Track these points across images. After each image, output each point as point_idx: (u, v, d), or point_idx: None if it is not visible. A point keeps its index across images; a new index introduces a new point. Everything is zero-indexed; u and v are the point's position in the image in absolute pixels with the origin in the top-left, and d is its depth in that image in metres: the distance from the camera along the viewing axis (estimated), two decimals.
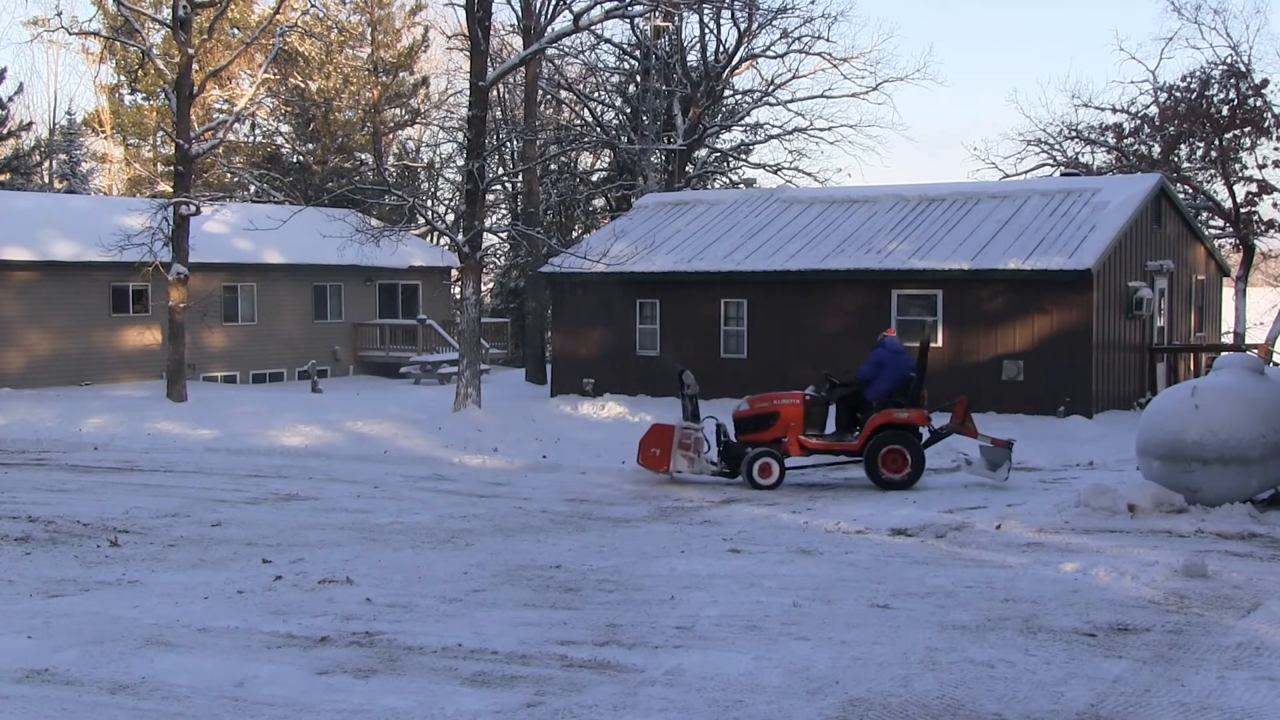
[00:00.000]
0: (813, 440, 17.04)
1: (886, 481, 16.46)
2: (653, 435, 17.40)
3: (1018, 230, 25.27)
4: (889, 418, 16.62)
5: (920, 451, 16.59)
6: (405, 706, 6.93)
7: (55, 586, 10.33)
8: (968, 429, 16.87)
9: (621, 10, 26.53)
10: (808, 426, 17.07)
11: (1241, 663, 7.66)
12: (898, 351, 17.03)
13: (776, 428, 17.07)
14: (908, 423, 16.60)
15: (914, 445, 16.54)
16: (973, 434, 16.93)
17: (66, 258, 31.14)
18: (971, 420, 16.94)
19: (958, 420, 16.85)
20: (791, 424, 17.03)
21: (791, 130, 43.41)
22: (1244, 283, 36.34)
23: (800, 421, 17.03)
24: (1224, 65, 35.74)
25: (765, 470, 16.74)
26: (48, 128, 53.33)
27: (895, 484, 16.39)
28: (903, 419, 16.60)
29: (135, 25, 29.11)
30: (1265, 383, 14.03)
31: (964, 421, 16.85)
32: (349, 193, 35.79)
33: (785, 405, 17.17)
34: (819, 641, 8.22)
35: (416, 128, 51.60)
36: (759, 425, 17.17)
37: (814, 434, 17.09)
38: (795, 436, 17.00)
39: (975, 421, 17.22)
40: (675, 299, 27.26)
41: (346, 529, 13.30)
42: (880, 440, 16.57)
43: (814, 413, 17.17)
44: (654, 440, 17.30)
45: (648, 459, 17.32)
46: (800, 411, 17.05)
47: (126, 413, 24.68)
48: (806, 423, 17.06)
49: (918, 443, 16.61)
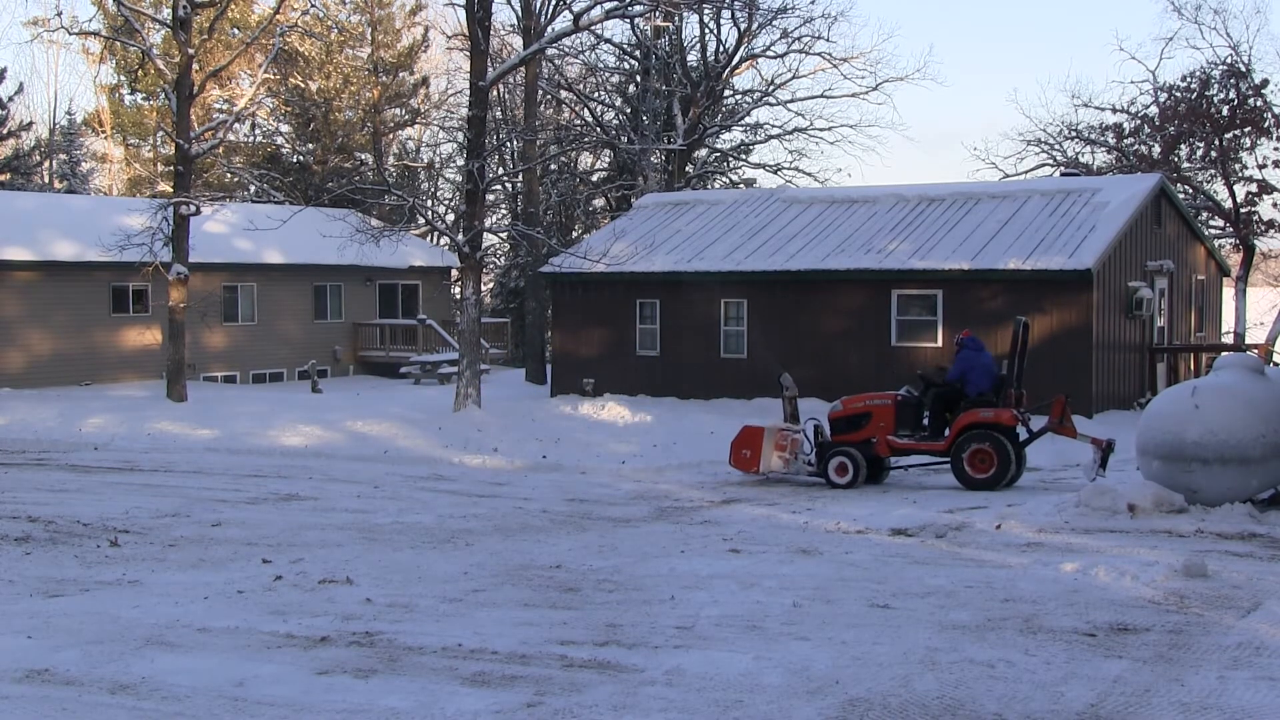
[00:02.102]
0: (902, 440, 17.07)
1: (972, 481, 16.26)
2: (744, 436, 17.55)
3: (1018, 230, 25.27)
4: (974, 417, 16.47)
5: (1008, 451, 16.26)
6: (405, 706, 6.92)
7: (55, 586, 10.33)
8: (1066, 429, 16.44)
9: (621, 10, 26.54)
10: (899, 427, 17.07)
11: (1241, 663, 7.66)
12: (980, 349, 17.02)
13: (868, 428, 17.14)
14: (993, 422, 16.40)
15: (1000, 445, 16.27)
16: (1071, 434, 16.49)
17: (67, 258, 31.14)
18: (1070, 419, 16.52)
19: (1055, 419, 16.48)
20: (881, 424, 17.07)
21: (791, 130, 43.43)
22: (1244, 283, 36.35)
23: (891, 422, 17.06)
24: (1224, 65, 35.76)
25: (841, 469, 16.91)
26: (48, 128, 53.40)
27: (981, 484, 16.17)
28: (988, 418, 16.42)
29: (135, 25, 29.11)
30: (1265, 383, 14.03)
31: (1062, 420, 16.44)
32: (349, 193, 35.80)
33: (877, 406, 17.26)
34: (819, 641, 8.22)
35: (416, 128, 51.63)
36: (851, 426, 17.27)
37: (905, 434, 17.08)
38: (884, 437, 17.05)
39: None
40: (675, 299, 27.25)
41: (346, 529, 13.30)
42: (966, 440, 16.45)
43: (905, 413, 17.12)
44: (745, 442, 17.47)
45: (739, 460, 17.49)
46: (891, 412, 17.10)
47: (126, 413, 24.68)
48: (897, 423, 17.07)
49: (1006, 442, 16.31)
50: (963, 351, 17.05)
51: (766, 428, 17.51)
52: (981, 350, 17.02)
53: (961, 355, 17.03)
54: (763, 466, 17.25)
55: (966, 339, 17.19)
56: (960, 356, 17.04)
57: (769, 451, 17.27)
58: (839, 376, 24.05)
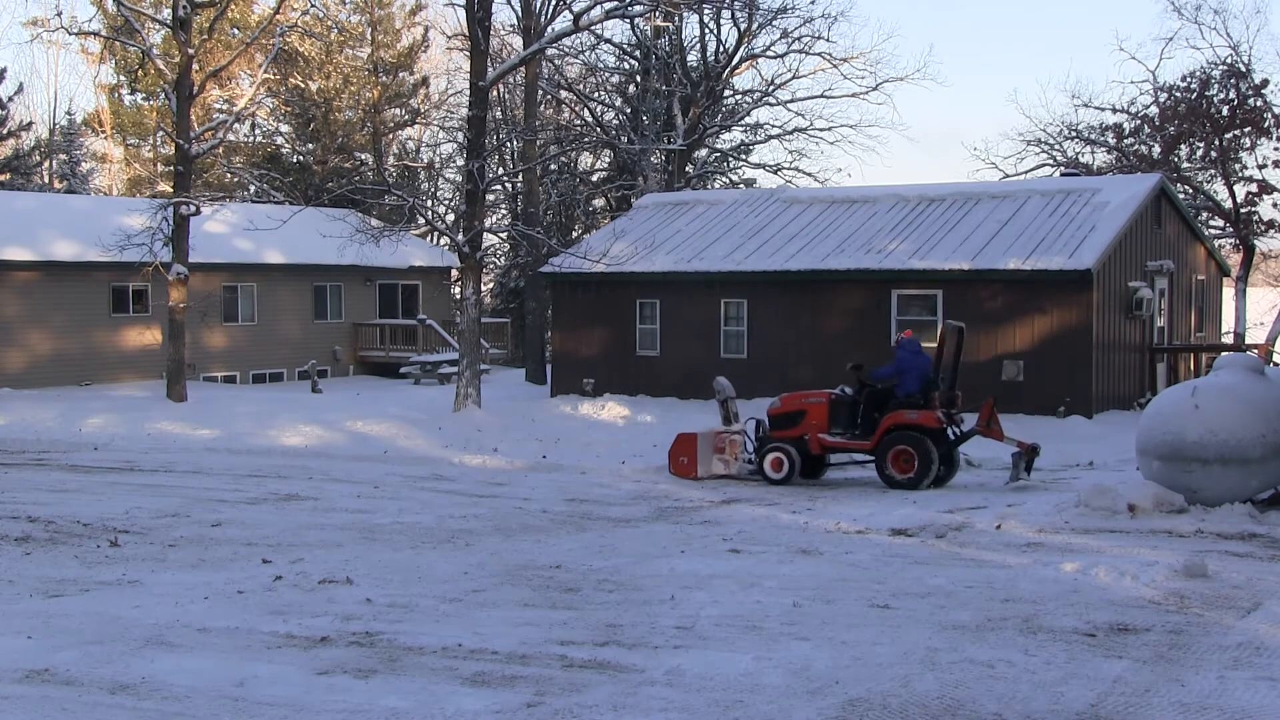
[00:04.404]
0: (833, 439, 17.30)
1: (894, 481, 16.54)
2: (679, 444, 17.91)
3: (1018, 230, 25.27)
4: (899, 418, 16.71)
5: (929, 453, 16.49)
6: (405, 706, 6.92)
7: (55, 586, 10.33)
8: (993, 431, 16.73)
9: (621, 10, 26.56)
10: (832, 425, 17.32)
11: (1241, 663, 7.66)
12: (916, 352, 17.15)
13: (802, 425, 17.41)
14: (917, 424, 16.63)
15: (923, 446, 16.51)
16: (999, 436, 16.78)
17: (67, 258, 31.13)
18: (998, 422, 16.80)
19: (983, 422, 16.75)
20: (815, 422, 17.32)
21: (791, 130, 43.45)
22: (1244, 283, 36.35)
23: (824, 420, 17.31)
24: (1224, 65, 35.75)
25: (776, 465, 17.24)
26: (48, 128, 53.38)
27: (903, 484, 16.44)
28: (912, 420, 16.65)
29: (135, 25, 29.11)
30: (1265, 383, 14.03)
31: (989, 423, 16.72)
32: (349, 193, 35.80)
33: (812, 404, 17.53)
34: (819, 641, 8.21)
35: (416, 128, 51.60)
36: (788, 422, 17.56)
37: (837, 432, 17.31)
38: (817, 435, 17.29)
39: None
40: (675, 299, 27.26)
41: (346, 529, 13.29)
42: (890, 440, 16.68)
43: (839, 412, 17.36)
44: (681, 449, 17.86)
45: (678, 467, 17.84)
46: (825, 410, 17.35)
47: (126, 413, 24.68)
48: (831, 421, 17.32)
49: (929, 444, 16.54)
50: (900, 353, 17.28)
51: (701, 433, 18.01)
52: (919, 353, 17.21)
53: (899, 356, 17.26)
54: (701, 471, 17.66)
55: (905, 340, 17.38)
56: (898, 358, 17.28)
57: (707, 455, 17.79)
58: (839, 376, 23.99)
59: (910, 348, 17.16)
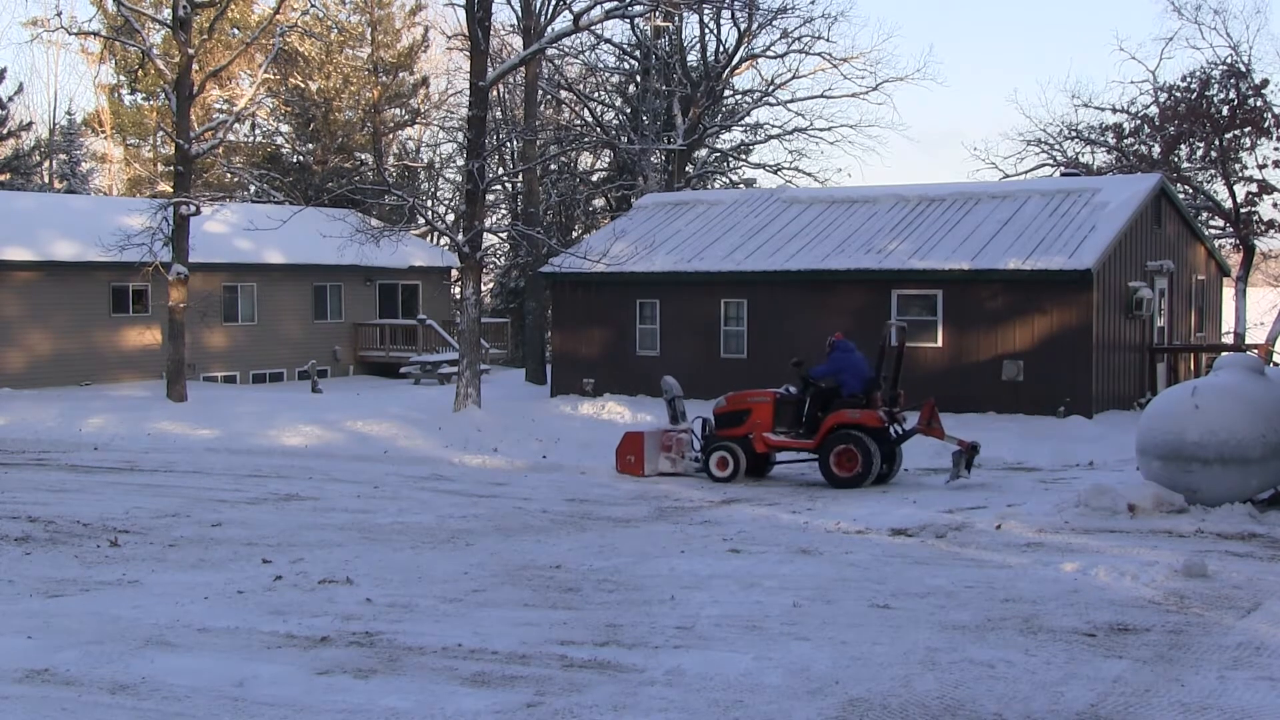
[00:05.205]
0: (777, 437, 17.54)
1: (837, 480, 16.79)
2: (626, 443, 18.18)
3: (1018, 230, 25.27)
4: (842, 418, 16.96)
5: (870, 451, 16.70)
6: (405, 706, 6.92)
7: (55, 586, 10.33)
8: (934, 430, 17.04)
9: (621, 10, 26.55)
10: (776, 424, 17.59)
11: (1241, 663, 7.66)
12: (850, 351, 17.44)
13: (747, 424, 17.68)
14: (859, 423, 16.86)
15: (864, 445, 16.74)
16: (939, 435, 17.09)
17: (67, 258, 31.13)
18: (939, 421, 17.12)
19: (924, 421, 17.05)
20: (759, 421, 17.59)
21: (791, 130, 43.45)
22: (1244, 283, 36.34)
23: (769, 419, 17.57)
24: (1224, 65, 35.75)
25: (721, 463, 17.52)
26: (48, 128, 53.38)
27: (845, 482, 16.70)
28: (854, 419, 16.89)
29: (135, 25, 29.10)
30: (1265, 383, 14.03)
31: (930, 423, 17.03)
32: (349, 193, 35.81)
33: (756, 403, 17.78)
34: (819, 641, 8.21)
35: (416, 128, 51.58)
36: (733, 421, 17.82)
37: (782, 431, 17.55)
38: (761, 434, 17.55)
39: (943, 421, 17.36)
40: (675, 299, 27.26)
41: (346, 529, 13.30)
42: (833, 439, 16.92)
43: (783, 411, 17.62)
44: (628, 448, 18.11)
45: (625, 465, 18.09)
46: (770, 409, 17.61)
47: (127, 413, 24.68)
48: (775, 420, 17.58)
49: (870, 442, 16.76)
50: (834, 353, 17.48)
51: (647, 432, 18.27)
52: (852, 352, 17.43)
53: (832, 356, 17.46)
54: (648, 469, 17.87)
55: (838, 341, 17.60)
56: (831, 358, 17.47)
57: (654, 453, 18.00)
58: None
59: (844, 348, 17.45)
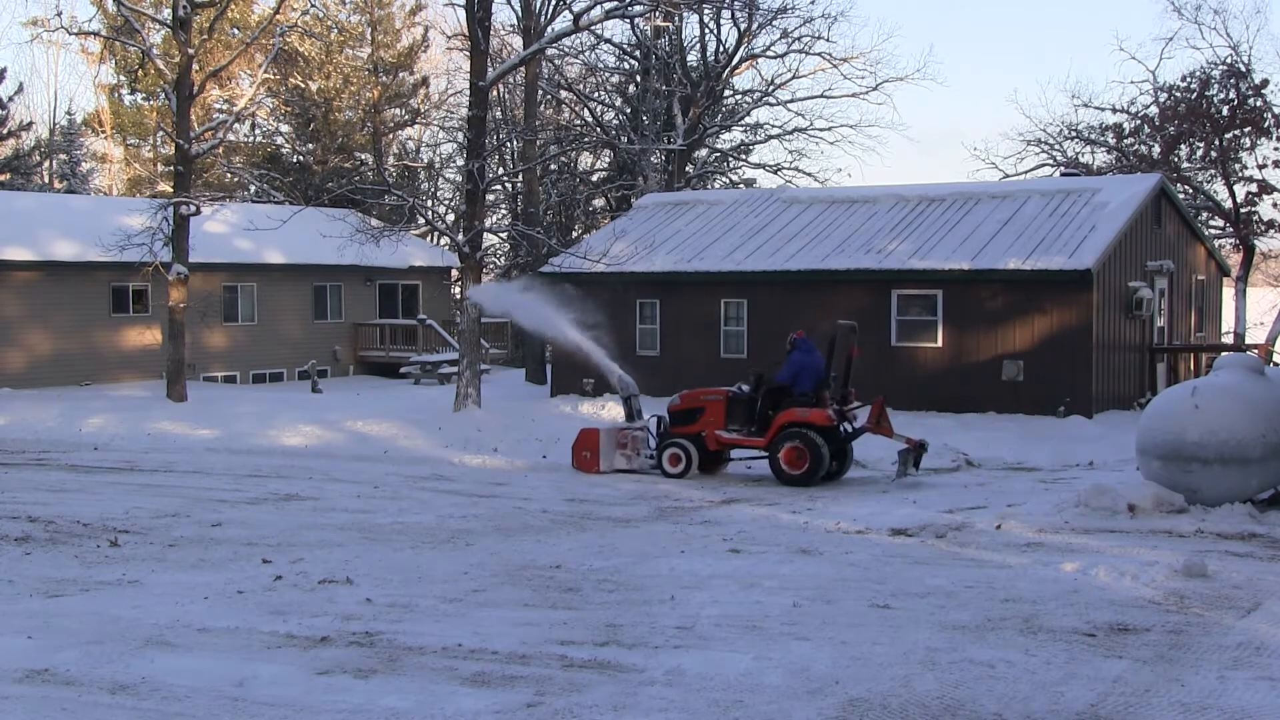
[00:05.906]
0: (730, 435, 17.77)
1: (787, 477, 16.98)
2: (582, 439, 18.45)
3: (1018, 230, 25.26)
4: (792, 416, 17.12)
5: (819, 449, 16.84)
6: (405, 706, 6.92)
7: (55, 586, 10.33)
8: (883, 428, 17.22)
9: (621, 10, 26.53)
10: (729, 422, 17.82)
11: (1241, 663, 7.66)
12: (810, 350, 17.56)
13: (700, 422, 17.95)
14: (808, 421, 17.00)
15: (813, 443, 16.87)
16: (888, 433, 17.26)
17: (67, 258, 31.13)
18: (888, 419, 17.31)
19: (873, 419, 17.23)
20: (712, 419, 17.84)
21: (791, 130, 43.43)
22: (1244, 283, 36.33)
23: (721, 417, 17.82)
24: (1224, 65, 35.74)
25: (674, 460, 17.86)
26: (48, 128, 53.38)
27: (795, 480, 16.87)
28: (804, 418, 17.04)
29: (135, 25, 29.11)
30: (1265, 383, 14.03)
31: (879, 420, 17.20)
32: (349, 193, 35.78)
33: (710, 401, 18.05)
34: (819, 641, 8.22)
35: (416, 128, 51.57)
36: (687, 419, 18.11)
37: (734, 429, 17.76)
38: (713, 431, 17.80)
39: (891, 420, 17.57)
40: (675, 299, 27.25)
41: (346, 529, 13.30)
42: (783, 437, 17.09)
43: (736, 409, 17.82)
44: (584, 444, 18.40)
45: (581, 461, 18.36)
46: (723, 407, 17.86)
47: (127, 413, 24.68)
48: (728, 418, 17.82)
49: (819, 440, 16.88)
50: (794, 353, 17.61)
51: (603, 429, 18.61)
52: (812, 352, 17.58)
53: (793, 357, 17.59)
54: (604, 465, 18.14)
55: (799, 340, 17.71)
56: (791, 358, 17.60)
57: (609, 450, 18.28)
58: None
59: (804, 348, 17.56)
